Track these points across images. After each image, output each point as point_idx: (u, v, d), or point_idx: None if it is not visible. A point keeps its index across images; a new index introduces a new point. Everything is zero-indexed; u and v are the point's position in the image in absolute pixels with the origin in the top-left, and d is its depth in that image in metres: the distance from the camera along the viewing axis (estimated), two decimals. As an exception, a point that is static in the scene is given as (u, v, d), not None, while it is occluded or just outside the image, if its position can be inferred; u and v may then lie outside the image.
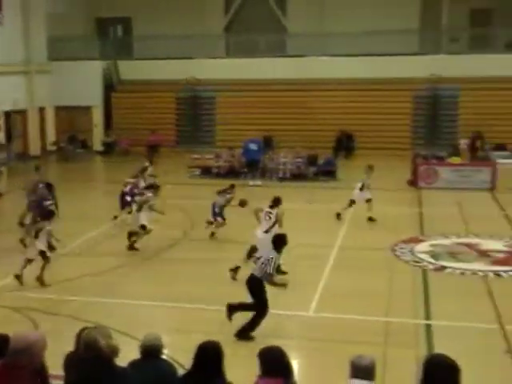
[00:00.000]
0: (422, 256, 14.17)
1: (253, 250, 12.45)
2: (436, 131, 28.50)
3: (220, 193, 15.80)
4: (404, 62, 28.10)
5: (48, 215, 13.06)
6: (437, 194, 20.87)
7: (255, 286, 9.66)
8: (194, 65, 30.33)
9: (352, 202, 17.18)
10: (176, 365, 6.23)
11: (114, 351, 4.63)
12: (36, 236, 12.39)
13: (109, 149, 30.68)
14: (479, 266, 13.48)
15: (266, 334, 9.42)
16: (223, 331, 9.41)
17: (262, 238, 12.42)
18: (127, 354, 5.31)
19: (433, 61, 28.19)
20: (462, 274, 12.92)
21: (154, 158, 25.42)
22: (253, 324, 9.62)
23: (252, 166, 23.88)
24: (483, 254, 14.26)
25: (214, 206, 15.52)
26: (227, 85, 29.64)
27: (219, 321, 9.89)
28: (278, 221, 12.91)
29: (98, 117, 31.37)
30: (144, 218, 14.62)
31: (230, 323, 9.73)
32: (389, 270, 13.15)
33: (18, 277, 12.21)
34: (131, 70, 31.23)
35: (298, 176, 23.75)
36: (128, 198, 16.48)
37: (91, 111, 31.27)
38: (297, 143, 25.91)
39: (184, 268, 13.52)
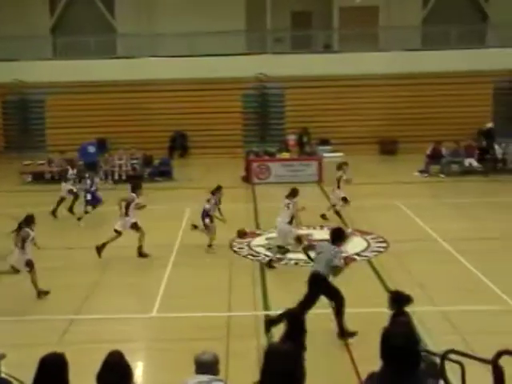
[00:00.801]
0: (259, 249, 14.85)
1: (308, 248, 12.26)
2: (266, 128, 29.68)
3: (209, 199, 14.91)
4: (232, 62, 28.89)
5: None
6: (270, 188, 21.77)
7: (321, 283, 9.83)
8: (21, 67, 29.15)
9: (344, 200, 17.03)
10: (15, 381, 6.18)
11: None
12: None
13: None
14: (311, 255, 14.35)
15: (111, 339, 9.48)
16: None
17: (282, 227, 13.67)
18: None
19: (259, 60, 29.23)
20: (296, 264, 13.70)
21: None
22: (341, 318, 9.79)
23: (91, 169, 23.53)
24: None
25: (202, 213, 14.73)
26: (57, 87, 28.84)
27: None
28: (295, 211, 13.89)
29: None
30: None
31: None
32: (228, 266, 13.67)
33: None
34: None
35: (133, 177, 23.70)
36: None
37: None
38: (132, 144, 25.85)
39: None
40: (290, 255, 14.07)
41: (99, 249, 14.11)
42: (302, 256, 14.07)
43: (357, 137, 28.38)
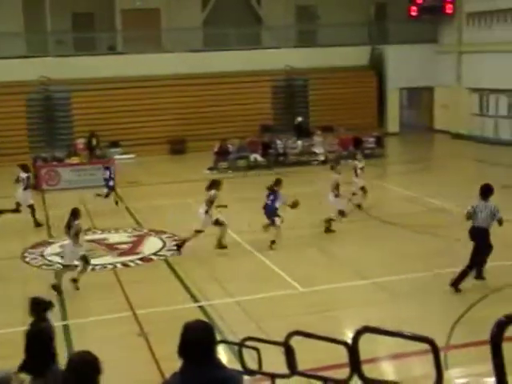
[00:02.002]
0: (53, 258, 14.50)
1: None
2: (53, 133, 28.71)
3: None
4: (12, 65, 27.58)
5: None
6: (61, 194, 21.25)
7: (486, 236, 11.36)
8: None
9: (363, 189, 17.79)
10: None
11: None
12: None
13: None
14: (108, 259, 14.37)
15: None
16: None
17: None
18: None
19: (41, 64, 28.23)
20: (93, 269, 13.53)
21: None
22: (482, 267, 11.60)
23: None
24: (111, 248, 15.21)
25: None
26: None
27: None
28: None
29: None
30: None
31: None
32: (22, 278, 13.20)
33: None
34: None
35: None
36: None
37: None
38: None
39: None
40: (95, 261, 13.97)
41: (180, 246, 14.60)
42: (97, 261, 14.06)
43: (147, 137, 28.58)
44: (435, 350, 4.09)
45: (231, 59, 30.18)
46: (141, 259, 14.41)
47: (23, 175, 17.60)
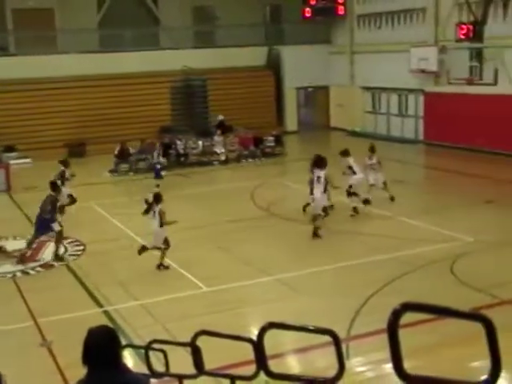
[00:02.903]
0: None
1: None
2: None
3: None
4: None
5: None
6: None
7: None
8: None
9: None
10: None
11: None
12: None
13: None
14: (7, 267, 13.93)
15: None
16: None
17: (319, 197, 14.92)
18: None
19: None
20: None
21: None
22: None
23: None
24: (9, 256, 14.72)
25: None
26: None
27: None
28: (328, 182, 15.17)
29: None
30: None
31: None
32: None
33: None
34: None
35: None
36: None
37: None
38: None
39: None
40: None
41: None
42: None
43: (44, 141, 27.78)
44: (337, 342, 4.27)
45: (128, 60, 29.86)
46: (41, 266, 14.04)
47: None
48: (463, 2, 24.63)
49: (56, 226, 14.33)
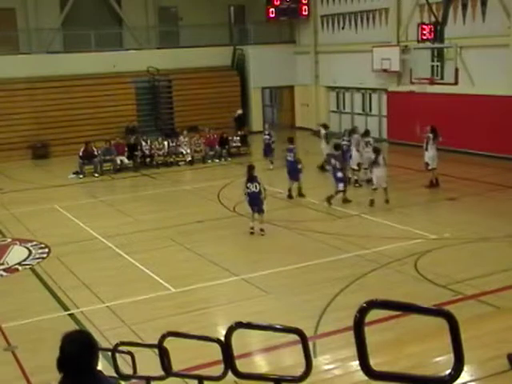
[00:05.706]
0: None
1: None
2: None
3: None
4: None
5: None
6: None
7: None
8: None
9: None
10: None
11: None
12: None
13: None
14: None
15: None
16: None
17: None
18: None
19: None
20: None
21: None
22: None
23: None
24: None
25: None
26: None
27: None
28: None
29: None
30: None
31: None
32: None
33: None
34: None
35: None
36: None
37: None
38: None
39: None
40: None
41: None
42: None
43: (7, 143, 27.40)
44: (304, 340, 4.32)
45: (92, 61, 29.57)
46: (5, 270, 13.85)
47: None
48: (424, 2, 24.93)
49: None
